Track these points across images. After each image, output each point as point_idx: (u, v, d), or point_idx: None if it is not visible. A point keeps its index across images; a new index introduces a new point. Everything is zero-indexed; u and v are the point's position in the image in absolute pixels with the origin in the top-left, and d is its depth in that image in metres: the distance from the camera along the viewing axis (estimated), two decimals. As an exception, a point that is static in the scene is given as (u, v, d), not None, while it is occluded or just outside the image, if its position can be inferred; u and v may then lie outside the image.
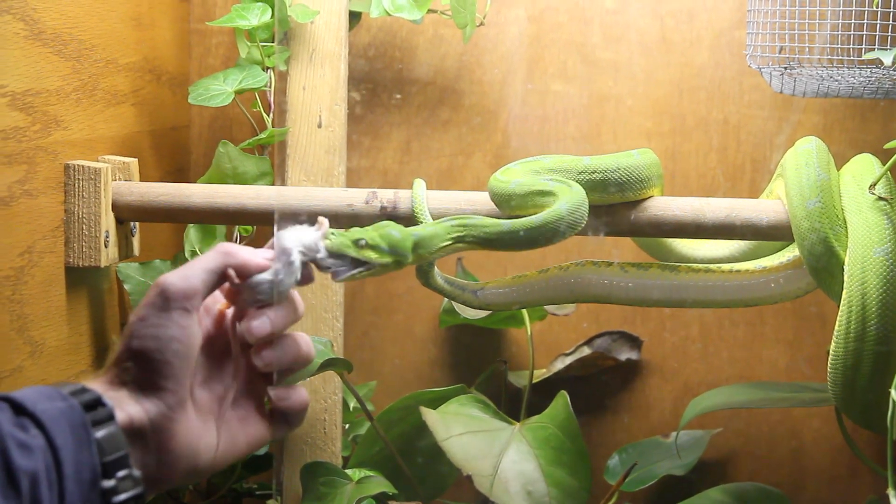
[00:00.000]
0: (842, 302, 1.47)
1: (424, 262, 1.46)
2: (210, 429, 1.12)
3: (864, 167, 1.52)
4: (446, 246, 1.42)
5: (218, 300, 1.18)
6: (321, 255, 1.20)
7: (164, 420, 1.06)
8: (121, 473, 0.99)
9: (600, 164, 1.54)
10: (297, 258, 1.16)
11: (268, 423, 1.17)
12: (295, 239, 1.18)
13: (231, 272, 1.12)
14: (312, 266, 1.19)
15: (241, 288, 1.14)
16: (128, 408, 1.04)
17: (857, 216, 1.48)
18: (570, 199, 1.46)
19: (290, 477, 1.74)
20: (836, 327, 1.49)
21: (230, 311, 1.18)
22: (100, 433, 0.99)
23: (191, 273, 1.10)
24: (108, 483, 0.98)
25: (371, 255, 1.30)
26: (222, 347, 1.17)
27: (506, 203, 1.52)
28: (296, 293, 1.17)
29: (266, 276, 1.14)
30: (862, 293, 1.45)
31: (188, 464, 1.08)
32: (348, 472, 1.68)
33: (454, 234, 1.43)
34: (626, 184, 1.54)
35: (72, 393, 1.00)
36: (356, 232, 1.30)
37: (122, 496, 0.99)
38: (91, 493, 0.97)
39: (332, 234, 1.24)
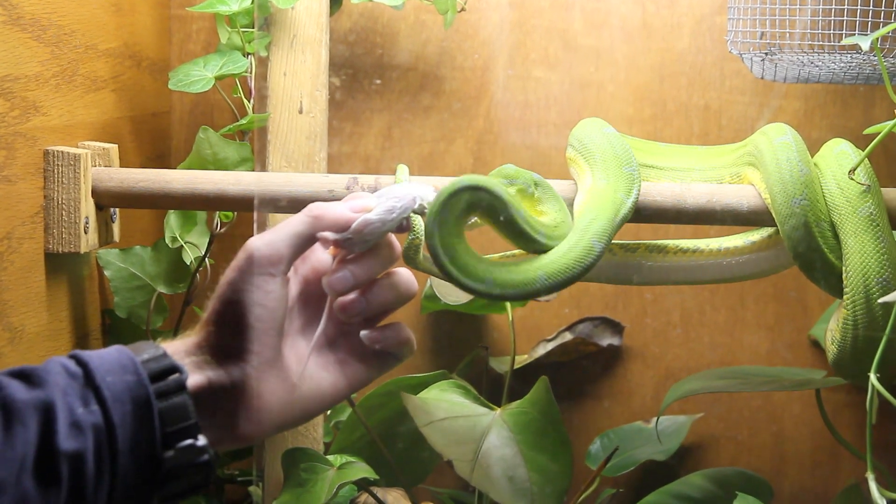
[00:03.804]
0: (844, 317, 1.49)
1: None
2: (306, 376, 1.14)
3: (847, 166, 1.51)
4: None
5: (318, 249, 1.18)
6: None
7: (247, 381, 1.07)
8: (183, 444, 1.01)
9: None
10: (415, 206, 1.18)
11: (368, 363, 1.18)
12: (423, 191, 1.20)
13: (325, 234, 1.12)
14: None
15: (341, 241, 1.13)
16: (208, 371, 1.07)
17: (852, 238, 1.47)
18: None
19: (271, 463, 1.73)
20: (842, 331, 1.50)
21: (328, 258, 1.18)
22: (164, 404, 1.00)
23: (278, 238, 1.10)
24: (168, 454, 1.00)
25: None
26: (320, 294, 1.17)
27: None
28: (393, 238, 1.17)
29: (373, 216, 1.13)
30: (869, 320, 1.46)
31: (280, 417, 1.11)
32: (329, 458, 1.68)
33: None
34: None
35: (146, 361, 1.02)
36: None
37: (183, 466, 1.01)
38: (149, 464, 0.99)
39: None
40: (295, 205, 1.55)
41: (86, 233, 1.57)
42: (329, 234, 1.12)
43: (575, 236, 1.40)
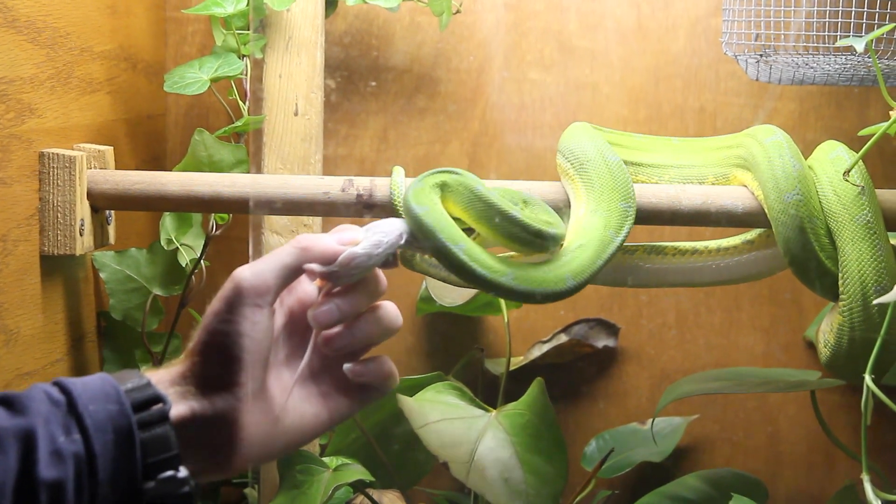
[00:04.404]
0: (840, 323, 1.49)
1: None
2: (289, 408, 1.13)
3: (843, 170, 1.50)
4: None
5: (304, 280, 1.17)
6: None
7: (231, 412, 1.07)
8: (164, 475, 1.00)
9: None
10: (402, 242, 1.19)
11: (351, 396, 1.18)
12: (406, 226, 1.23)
13: (311, 266, 1.12)
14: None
15: (327, 274, 1.13)
16: (192, 401, 1.06)
17: (850, 245, 1.47)
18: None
19: (267, 465, 1.73)
20: (836, 335, 1.50)
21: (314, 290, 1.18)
22: (146, 435, 1.00)
23: (265, 269, 1.10)
24: (148, 485, 0.99)
25: None
26: (305, 325, 1.17)
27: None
28: (379, 272, 1.17)
29: (359, 250, 1.14)
30: (866, 327, 1.46)
31: (262, 450, 1.10)
32: (325, 459, 1.68)
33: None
34: None
35: (130, 390, 1.01)
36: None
37: (163, 497, 1.00)
38: (129, 495, 0.99)
39: None
40: (290, 207, 1.56)
41: (81, 235, 1.57)
42: (316, 267, 1.12)
43: (554, 264, 1.39)
